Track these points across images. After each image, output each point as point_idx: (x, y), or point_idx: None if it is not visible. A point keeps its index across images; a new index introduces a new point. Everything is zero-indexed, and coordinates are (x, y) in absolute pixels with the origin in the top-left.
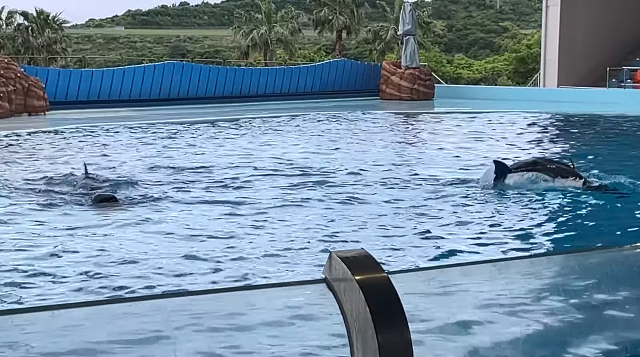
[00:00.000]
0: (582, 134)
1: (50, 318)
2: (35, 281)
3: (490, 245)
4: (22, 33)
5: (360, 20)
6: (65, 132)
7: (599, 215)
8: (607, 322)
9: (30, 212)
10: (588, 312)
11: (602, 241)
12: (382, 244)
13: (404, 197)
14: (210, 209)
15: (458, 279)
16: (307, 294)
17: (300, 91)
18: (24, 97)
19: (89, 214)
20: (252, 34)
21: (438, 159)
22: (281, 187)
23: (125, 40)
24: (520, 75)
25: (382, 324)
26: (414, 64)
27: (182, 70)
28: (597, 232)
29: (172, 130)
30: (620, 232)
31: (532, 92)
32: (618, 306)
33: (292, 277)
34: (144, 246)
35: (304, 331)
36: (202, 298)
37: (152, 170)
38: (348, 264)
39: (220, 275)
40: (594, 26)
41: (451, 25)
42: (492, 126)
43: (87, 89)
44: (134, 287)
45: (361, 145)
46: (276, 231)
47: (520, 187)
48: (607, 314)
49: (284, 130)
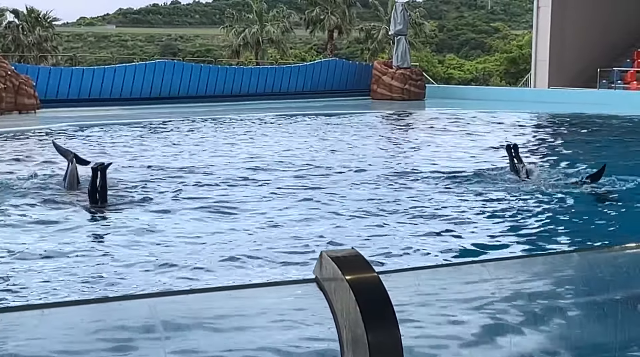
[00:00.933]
0: (571, 134)
1: (40, 317)
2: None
3: (489, 242)
4: (13, 31)
5: (352, 20)
6: (54, 130)
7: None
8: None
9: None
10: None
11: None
12: (372, 243)
13: (394, 196)
14: (198, 207)
15: (449, 278)
16: (297, 294)
17: (292, 91)
18: (15, 95)
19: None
20: (244, 33)
21: (429, 158)
22: (270, 186)
23: (117, 39)
24: (511, 76)
25: (372, 323)
26: (406, 64)
27: (173, 69)
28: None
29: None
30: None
31: (523, 93)
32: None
33: (283, 276)
34: (136, 245)
35: (294, 330)
36: (192, 297)
37: (138, 168)
38: (338, 264)
39: (210, 275)
40: (585, 27)
41: (442, 25)
42: (482, 126)
43: (78, 87)
44: (125, 286)
45: (352, 145)
46: (266, 230)
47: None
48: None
49: (277, 129)
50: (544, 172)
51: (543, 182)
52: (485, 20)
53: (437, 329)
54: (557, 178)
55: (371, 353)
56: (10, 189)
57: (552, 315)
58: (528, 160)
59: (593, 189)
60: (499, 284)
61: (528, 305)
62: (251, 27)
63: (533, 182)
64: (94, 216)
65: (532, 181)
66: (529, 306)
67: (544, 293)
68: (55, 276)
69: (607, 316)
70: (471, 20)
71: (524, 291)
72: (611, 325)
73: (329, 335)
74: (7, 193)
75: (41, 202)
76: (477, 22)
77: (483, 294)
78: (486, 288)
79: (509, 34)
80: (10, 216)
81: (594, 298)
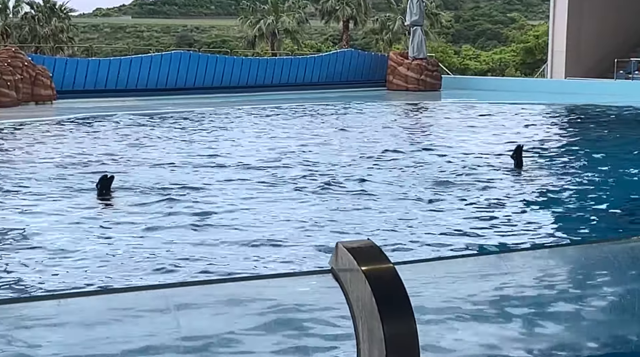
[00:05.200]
0: (588, 125)
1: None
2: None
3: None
4: (29, 22)
5: (367, 10)
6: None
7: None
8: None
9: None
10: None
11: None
12: (388, 234)
13: (411, 187)
14: (210, 200)
15: (464, 270)
16: (313, 284)
17: (307, 81)
18: (31, 86)
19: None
20: (259, 24)
21: (446, 149)
22: (286, 177)
23: (132, 30)
24: (527, 67)
25: (388, 314)
26: (421, 55)
27: (189, 60)
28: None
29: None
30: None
31: (539, 84)
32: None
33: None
34: (153, 237)
35: (310, 320)
36: (209, 288)
37: (155, 161)
38: (354, 255)
39: (227, 266)
40: (602, 17)
41: (458, 16)
42: (499, 117)
43: (94, 78)
44: (142, 278)
45: (368, 135)
46: (283, 221)
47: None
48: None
49: (289, 120)
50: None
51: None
52: (502, 10)
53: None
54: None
55: (387, 343)
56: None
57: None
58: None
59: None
60: (515, 276)
61: (551, 296)
62: (266, 18)
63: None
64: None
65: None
66: (551, 296)
67: (567, 282)
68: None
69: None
70: (487, 11)
71: (542, 283)
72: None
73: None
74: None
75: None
76: (494, 12)
77: (500, 285)
78: (503, 280)
79: (526, 24)
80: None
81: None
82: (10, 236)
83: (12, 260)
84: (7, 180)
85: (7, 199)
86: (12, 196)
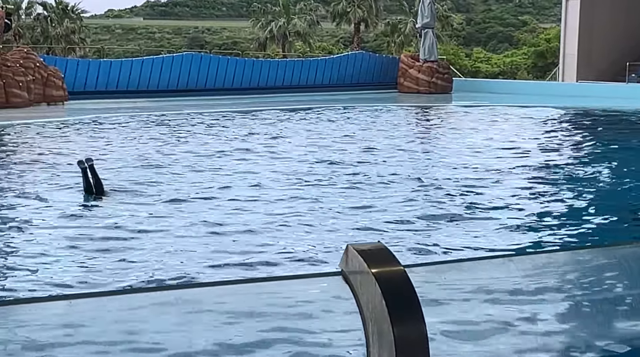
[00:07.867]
0: (599, 128)
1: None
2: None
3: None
4: (41, 23)
5: (378, 12)
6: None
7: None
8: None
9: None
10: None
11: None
12: (400, 237)
13: (423, 191)
14: (225, 202)
15: (475, 272)
16: (323, 287)
17: (318, 84)
18: (43, 87)
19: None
20: (270, 26)
21: (457, 153)
22: (299, 180)
23: (144, 31)
24: (539, 70)
25: (398, 317)
26: (432, 57)
27: (200, 61)
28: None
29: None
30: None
31: (551, 87)
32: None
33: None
34: (161, 239)
35: (320, 323)
36: (218, 289)
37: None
38: (364, 257)
39: (237, 268)
40: (614, 21)
41: (470, 18)
42: (511, 120)
43: (106, 79)
44: (151, 278)
45: (382, 138)
46: (294, 224)
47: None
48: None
49: (303, 123)
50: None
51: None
52: (513, 13)
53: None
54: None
55: (397, 347)
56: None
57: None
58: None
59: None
60: (524, 279)
61: (561, 297)
62: (278, 20)
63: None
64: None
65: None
66: (561, 298)
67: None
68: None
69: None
70: (499, 14)
71: (552, 285)
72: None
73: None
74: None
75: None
76: (505, 15)
77: (511, 288)
78: (515, 281)
79: (537, 27)
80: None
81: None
82: (10, 235)
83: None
84: (16, 182)
85: (16, 200)
86: (20, 200)
